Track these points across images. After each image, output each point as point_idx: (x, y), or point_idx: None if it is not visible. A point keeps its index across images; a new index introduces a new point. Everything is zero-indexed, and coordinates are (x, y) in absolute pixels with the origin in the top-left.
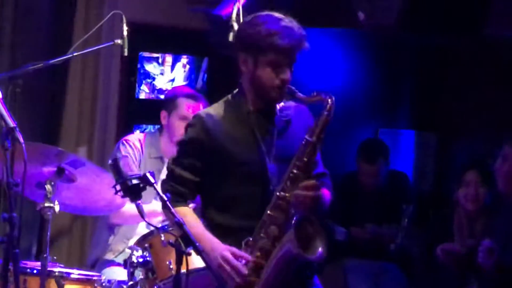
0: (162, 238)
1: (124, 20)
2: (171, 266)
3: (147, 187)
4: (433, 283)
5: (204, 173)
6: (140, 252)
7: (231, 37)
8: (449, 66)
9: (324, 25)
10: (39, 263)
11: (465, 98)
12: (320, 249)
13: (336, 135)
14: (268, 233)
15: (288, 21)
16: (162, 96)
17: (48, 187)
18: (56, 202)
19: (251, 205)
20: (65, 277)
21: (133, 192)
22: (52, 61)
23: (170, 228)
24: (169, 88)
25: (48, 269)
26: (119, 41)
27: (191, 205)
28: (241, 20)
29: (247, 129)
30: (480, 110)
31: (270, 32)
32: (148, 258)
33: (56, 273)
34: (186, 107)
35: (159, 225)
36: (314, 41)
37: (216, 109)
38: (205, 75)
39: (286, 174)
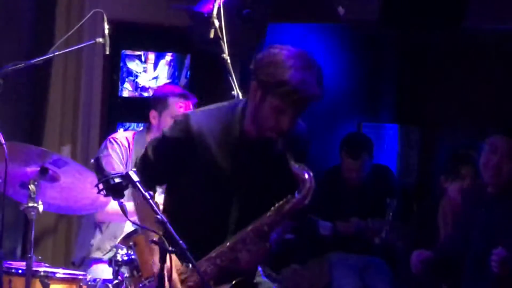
0: None
1: (105, 19)
2: None
3: None
4: (418, 277)
5: (173, 170)
6: (125, 251)
7: (212, 34)
8: (431, 60)
9: (304, 20)
10: (24, 263)
11: (447, 92)
12: None
13: (320, 129)
14: (208, 272)
15: (312, 72)
16: (145, 94)
17: (31, 187)
18: (40, 202)
19: (204, 226)
20: (50, 276)
21: (116, 191)
22: (33, 61)
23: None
24: (152, 85)
25: (33, 269)
26: (100, 40)
27: None
28: (222, 17)
29: (230, 153)
30: (462, 103)
31: (286, 82)
32: (133, 256)
33: (41, 273)
34: (178, 107)
35: None
36: (295, 36)
37: (208, 116)
38: (188, 72)
39: (242, 231)
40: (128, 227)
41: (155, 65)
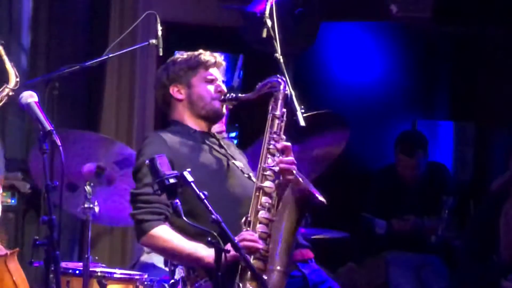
0: None
1: (158, 20)
2: None
3: None
4: (476, 275)
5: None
6: None
7: (264, 33)
8: (486, 56)
9: (357, 18)
10: (81, 264)
11: (502, 87)
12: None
13: (374, 127)
14: (263, 204)
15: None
16: None
17: (87, 188)
18: (96, 203)
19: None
20: (107, 277)
21: (170, 191)
22: (88, 63)
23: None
24: None
25: (90, 269)
26: (154, 41)
27: None
28: (274, 16)
29: (198, 143)
30: None
31: (194, 54)
32: None
33: (98, 273)
34: None
35: None
36: (348, 35)
37: (163, 131)
38: (241, 72)
39: (263, 150)
40: None
41: None
